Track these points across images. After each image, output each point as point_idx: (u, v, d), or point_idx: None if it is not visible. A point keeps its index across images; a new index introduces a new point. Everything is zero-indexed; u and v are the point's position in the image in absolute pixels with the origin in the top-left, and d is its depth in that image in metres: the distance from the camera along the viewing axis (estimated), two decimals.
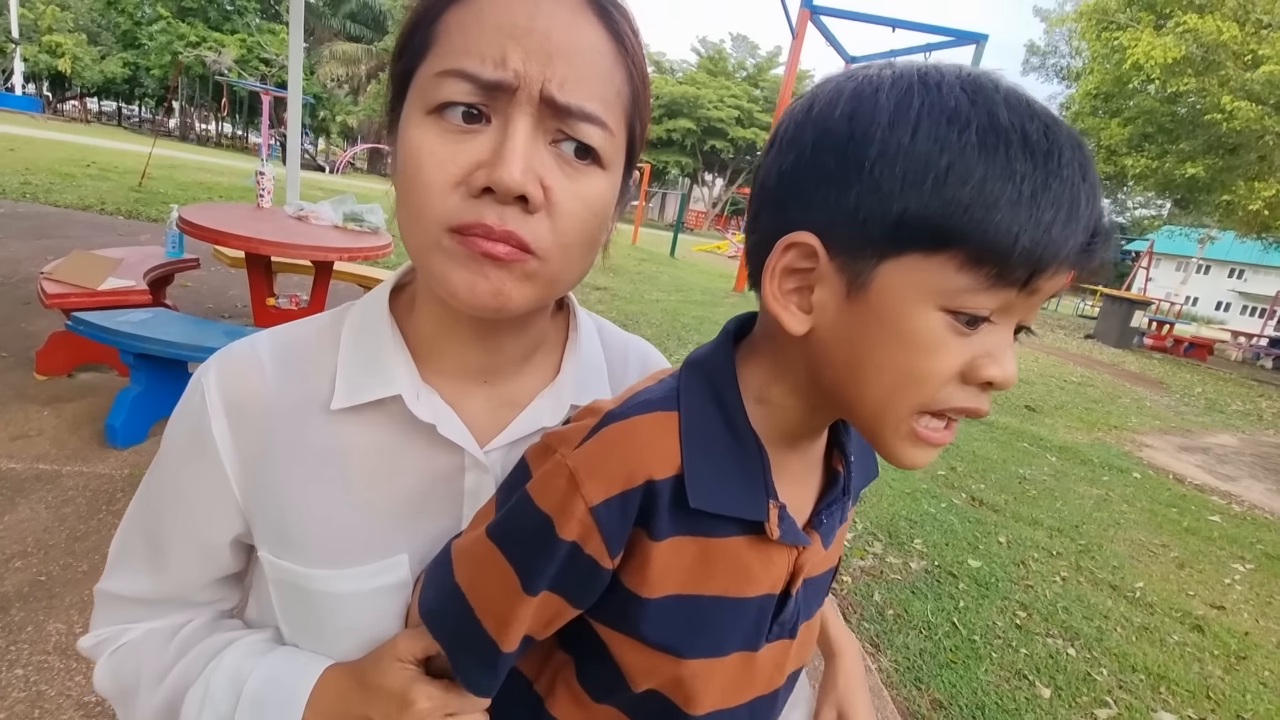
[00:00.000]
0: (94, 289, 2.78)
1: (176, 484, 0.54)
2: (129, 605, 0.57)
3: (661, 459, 0.41)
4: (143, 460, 2.49)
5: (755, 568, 0.45)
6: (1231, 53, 10.75)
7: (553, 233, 0.44)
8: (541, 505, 0.42)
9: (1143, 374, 10.55)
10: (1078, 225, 0.33)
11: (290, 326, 0.56)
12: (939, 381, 0.36)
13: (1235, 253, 31.61)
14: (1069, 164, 0.33)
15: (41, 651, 1.58)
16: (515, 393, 0.56)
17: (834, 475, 0.49)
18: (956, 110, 0.34)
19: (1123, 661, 2.43)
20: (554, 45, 0.42)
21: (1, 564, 1.83)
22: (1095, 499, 4.21)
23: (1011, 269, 0.33)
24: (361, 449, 0.52)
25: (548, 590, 0.43)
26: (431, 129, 0.43)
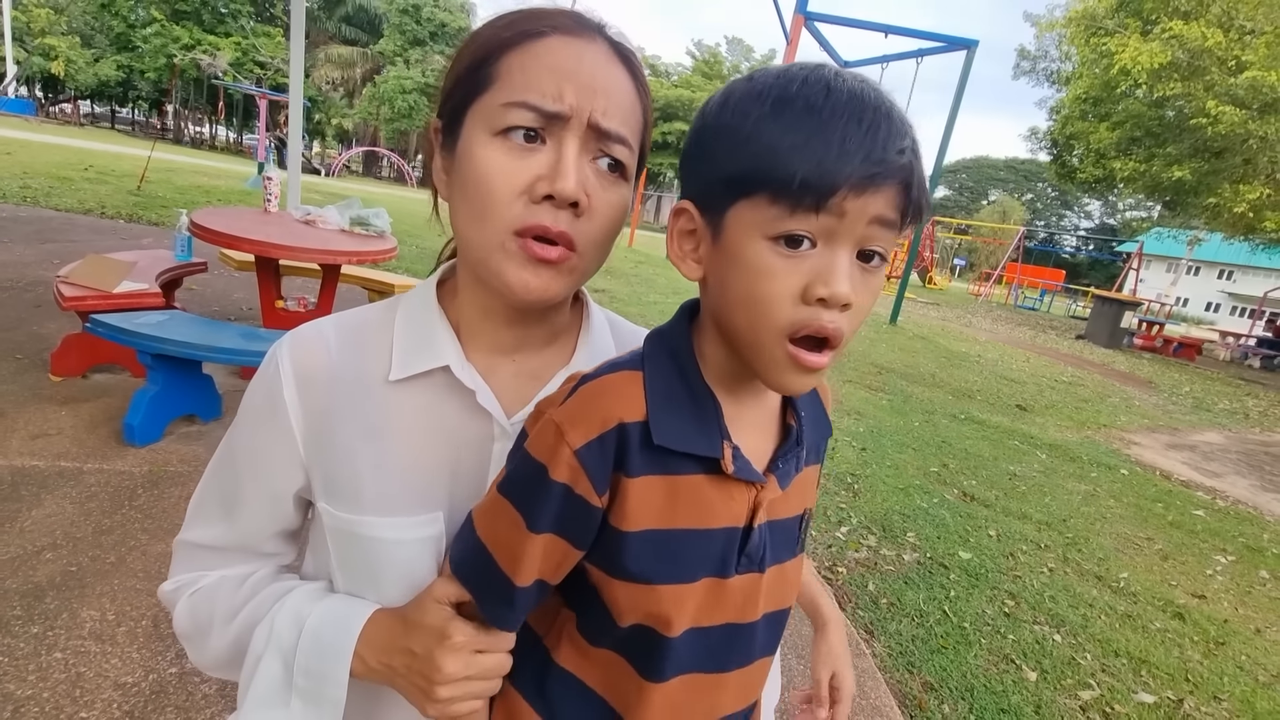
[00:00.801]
0: (110, 292, 2.86)
1: (252, 442, 0.63)
2: (204, 553, 0.66)
3: (630, 406, 0.50)
4: (160, 458, 2.56)
5: (717, 502, 0.52)
6: (1216, 58, 10.94)
7: (591, 232, 0.56)
8: (536, 456, 0.51)
9: (1132, 373, 10.70)
10: (850, 157, 0.42)
11: (352, 312, 0.67)
12: (779, 300, 0.45)
13: (1224, 254, 31.95)
14: (839, 115, 0.43)
15: (77, 637, 1.66)
16: (537, 368, 0.66)
17: (789, 430, 0.58)
18: (761, 92, 0.46)
19: (1106, 647, 2.54)
20: (597, 84, 0.54)
21: (33, 555, 1.91)
22: (1083, 494, 4.33)
23: (801, 196, 0.43)
24: (409, 415, 0.61)
25: (551, 533, 0.52)
26: (499, 148, 0.54)
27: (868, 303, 0.48)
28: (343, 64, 35.04)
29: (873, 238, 0.46)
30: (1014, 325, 15.93)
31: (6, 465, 2.33)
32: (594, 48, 0.56)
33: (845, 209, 0.43)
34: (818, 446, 0.62)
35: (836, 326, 0.45)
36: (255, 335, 2.80)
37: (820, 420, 0.62)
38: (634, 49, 0.60)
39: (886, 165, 0.43)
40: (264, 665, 0.59)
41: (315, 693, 0.58)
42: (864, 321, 0.49)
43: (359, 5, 35.21)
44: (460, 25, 34.15)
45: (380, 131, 34.82)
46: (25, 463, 2.36)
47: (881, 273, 0.48)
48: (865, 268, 0.47)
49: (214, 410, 2.94)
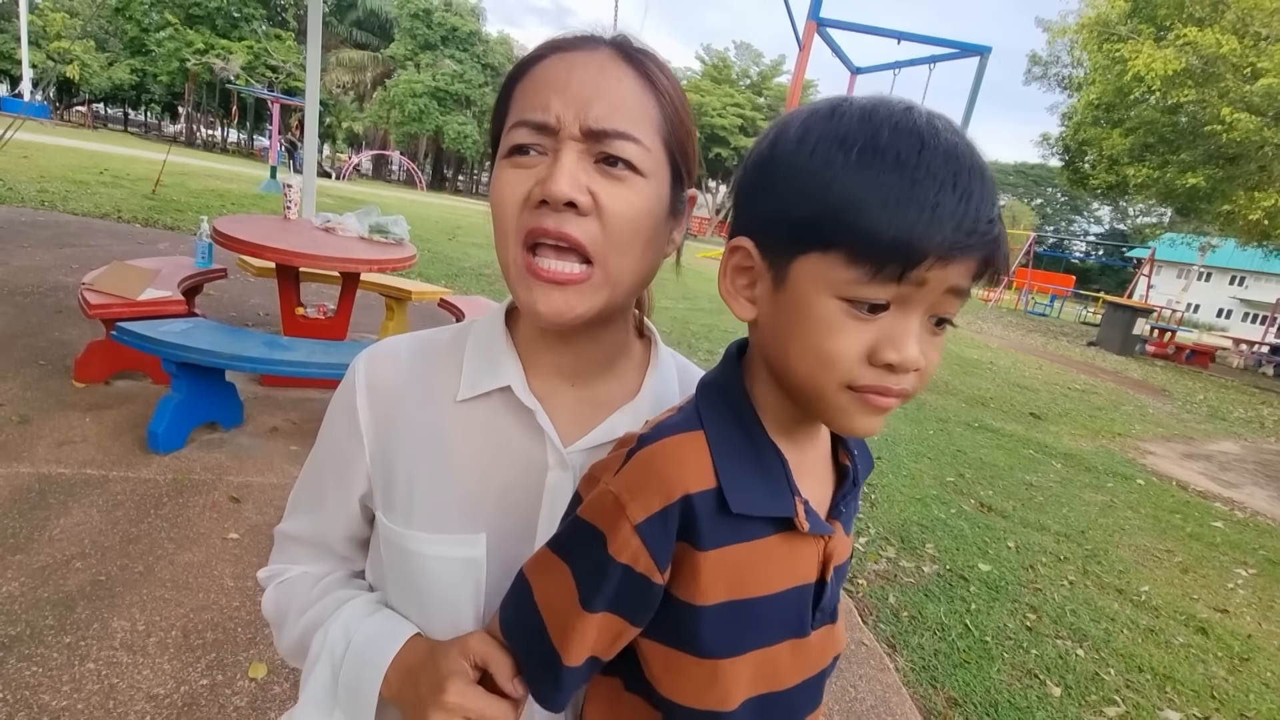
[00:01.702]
0: (134, 299, 2.88)
1: (332, 446, 0.67)
2: (292, 545, 0.71)
3: (695, 474, 0.47)
4: (184, 466, 2.58)
5: (790, 561, 0.51)
6: (1231, 65, 10.87)
7: (604, 233, 0.54)
8: (594, 523, 0.48)
9: (1145, 381, 10.62)
10: (942, 226, 0.39)
11: (427, 333, 0.70)
12: (846, 361, 0.43)
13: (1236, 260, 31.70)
14: (933, 176, 0.40)
15: (109, 647, 1.67)
16: (597, 396, 0.66)
17: (843, 469, 0.56)
18: (845, 136, 0.43)
19: (1130, 662, 2.51)
20: (588, 90, 0.54)
21: (63, 564, 1.93)
22: (1100, 505, 4.29)
23: (884, 263, 0.40)
24: (469, 434, 0.63)
25: (607, 611, 0.49)
26: (508, 168, 0.56)
27: (934, 364, 0.46)
28: (354, 68, 35.28)
29: (947, 305, 0.44)
30: (1025, 331, 15.84)
31: (34, 473, 2.35)
32: (590, 57, 0.56)
33: (926, 278, 0.41)
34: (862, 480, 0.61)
35: (901, 388, 0.44)
36: (277, 344, 2.81)
37: (865, 454, 0.61)
38: (643, 49, 0.58)
39: (976, 236, 0.41)
40: (317, 670, 0.61)
41: (352, 706, 0.60)
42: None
43: (370, 9, 35.44)
44: (471, 29, 34.34)
45: (390, 135, 35.01)
46: (52, 470, 2.39)
47: (945, 334, 0.47)
48: (934, 330, 0.45)
49: (236, 418, 2.96)
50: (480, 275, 8.12)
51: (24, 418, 2.71)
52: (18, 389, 2.95)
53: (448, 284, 6.80)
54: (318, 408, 3.35)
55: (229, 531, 2.23)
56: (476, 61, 34.36)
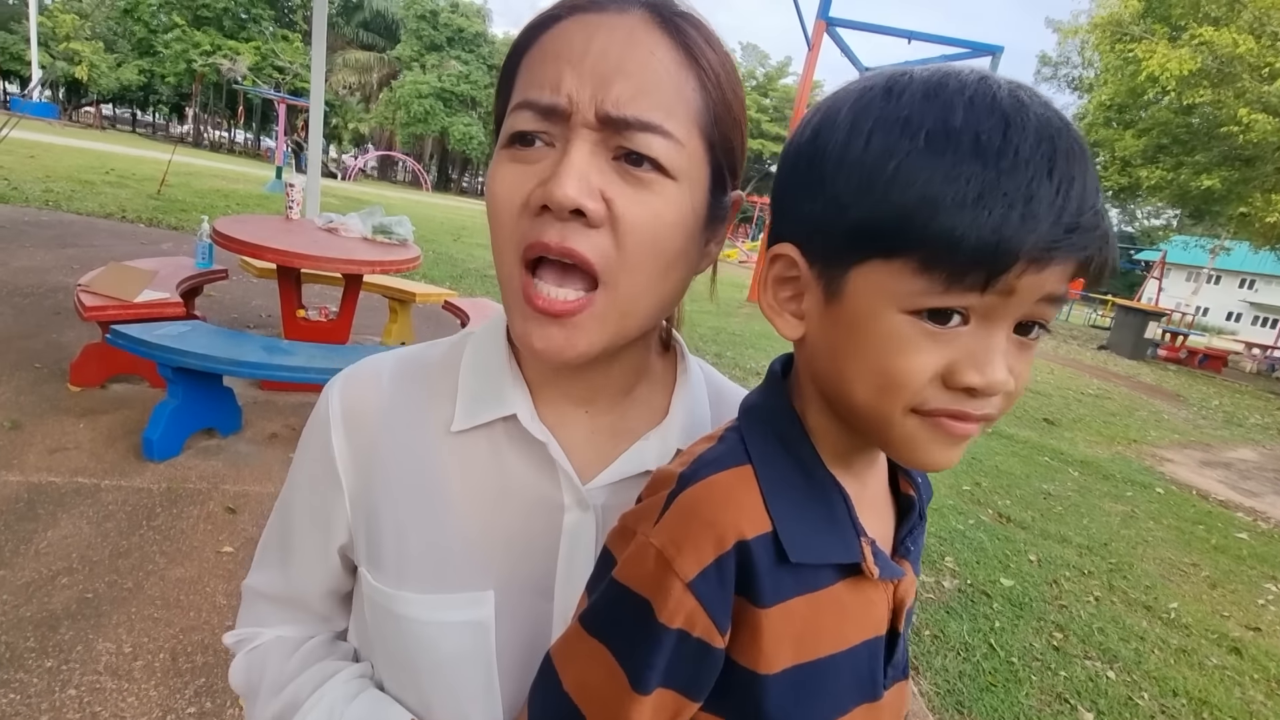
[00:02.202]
0: (130, 301, 2.80)
1: (302, 487, 0.57)
2: (264, 603, 0.61)
3: (748, 517, 0.40)
4: (179, 474, 2.50)
5: (859, 612, 0.44)
6: (1248, 65, 10.71)
7: (617, 248, 0.43)
8: (635, 589, 0.40)
9: (1159, 386, 10.47)
10: (1038, 223, 0.32)
11: (414, 350, 0.59)
12: (915, 383, 0.36)
13: (1247, 263, 31.40)
14: (1027, 161, 0.32)
15: (93, 671, 1.58)
16: (618, 422, 0.55)
17: (907, 500, 0.48)
18: (909, 118, 0.35)
19: (1163, 685, 2.40)
20: (609, 64, 0.42)
21: (48, 581, 1.84)
22: (1121, 515, 4.18)
23: (964, 270, 0.33)
24: (467, 472, 0.52)
25: (661, 688, 0.40)
26: (505, 160, 0.45)
27: (1024, 379, 0.38)
28: (360, 69, 35.37)
29: (1040, 313, 0.36)
30: None
31: (23, 482, 2.27)
32: (617, 20, 0.44)
33: (1017, 286, 0.34)
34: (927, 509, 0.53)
35: (985, 413, 0.37)
36: (277, 348, 2.73)
37: (925, 480, 0.52)
38: (687, 11, 0.46)
39: (1079, 233, 0.33)
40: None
41: None
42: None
43: (376, 11, 35.52)
44: (477, 30, 34.38)
45: (396, 135, 35.06)
46: (43, 479, 2.31)
47: (1037, 344, 0.38)
48: (1022, 340, 0.37)
49: (234, 424, 2.88)
50: (485, 276, 8.04)
51: (15, 423, 2.63)
52: (10, 393, 2.87)
53: (452, 285, 6.72)
54: None
55: (223, 545, 2.14)
56: (482, 62, 34.39)
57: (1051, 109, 0.35)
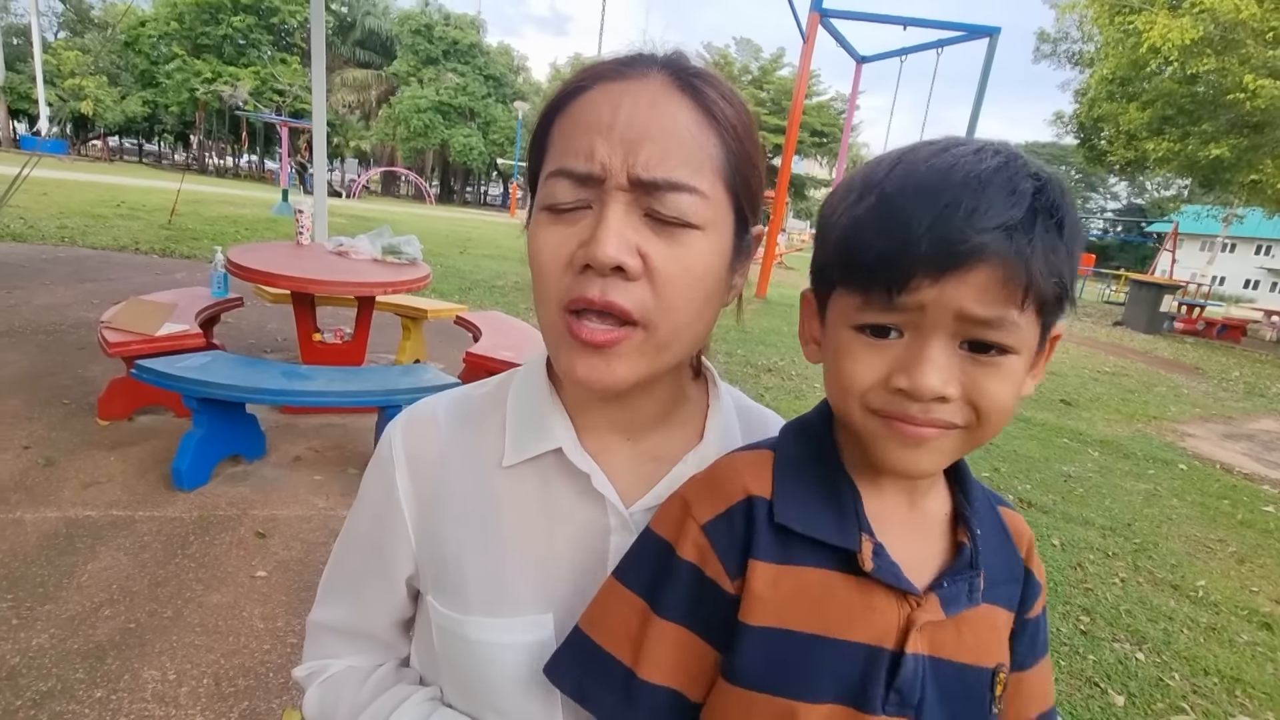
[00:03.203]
0: (153, 335, 2.87)
1: (368, 525, 0.62)
2: (332, 636, 0.65)
3: (758, 481, 0.47)
4: (209, 502, 2.56)
5: (855, 609, 0.45)
6: (1252, 30, 10.54)
7: (655, 297, 0.48)
8: (660, 533, 0.48)
9: (1177, 360, 10.35)
10: (917, 241, 0.38)
11: (463, 391, 0.64)
12: (860, 385, 0.43)
13: (1263, 229, 30.86)
14: (913, 198, 0.39)
15: (140, 700, 1.63)
16: (657, 449, 0.59)
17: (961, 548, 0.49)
18: (853, 183, 0.44)
19: (1194, 665, 2.39)
20: (636, 131, 0.47)
21: (92, 613, 1.90)
22: (1144, 494, 4.15)
23: (869, 289, 0.41)
24: (520, 504, 0.57)
25: (681, 624, 0.46)
26: (545, 221, 0.50)
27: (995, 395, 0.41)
28: (358, 87, 35.66)
29: (974, 332, 0.40)
30: None
31: (61, 517, 2.34)
32: (639, 86, 0.48)
33: (923, 301, 0.39)
34: (1007, 590, 0.51)
35: (931, 418, 0.41)
36: (296, 373, 2.79)
37: (1008, 558, 0.51)
38: (702, 71, 0.51)
39: (966, 246, 0.37)
40: None
41: None
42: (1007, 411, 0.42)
43: (371, 29, 35.80)
44: (471, 41, 34.54)
45: (398, 151, 35.31)
46: (79, 513, 2.37)
47: (1008, 364, 0.41)
48: (980, 359, 0.41)
49: (258, 449, 2.94)
50: (493, 288, 8.10)
51: (49, 460, 2.70)
52: (43, 430, 2.95)
53: (461, 298, 6.78)
54: (339, 434, 3.32)
55: (257, 569, 2.19)
56: (478, 73, 34.56)
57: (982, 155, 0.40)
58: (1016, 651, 0.52)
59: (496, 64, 35.47)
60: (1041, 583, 0.54)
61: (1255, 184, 12.91)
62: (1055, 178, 0.40)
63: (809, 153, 37.54)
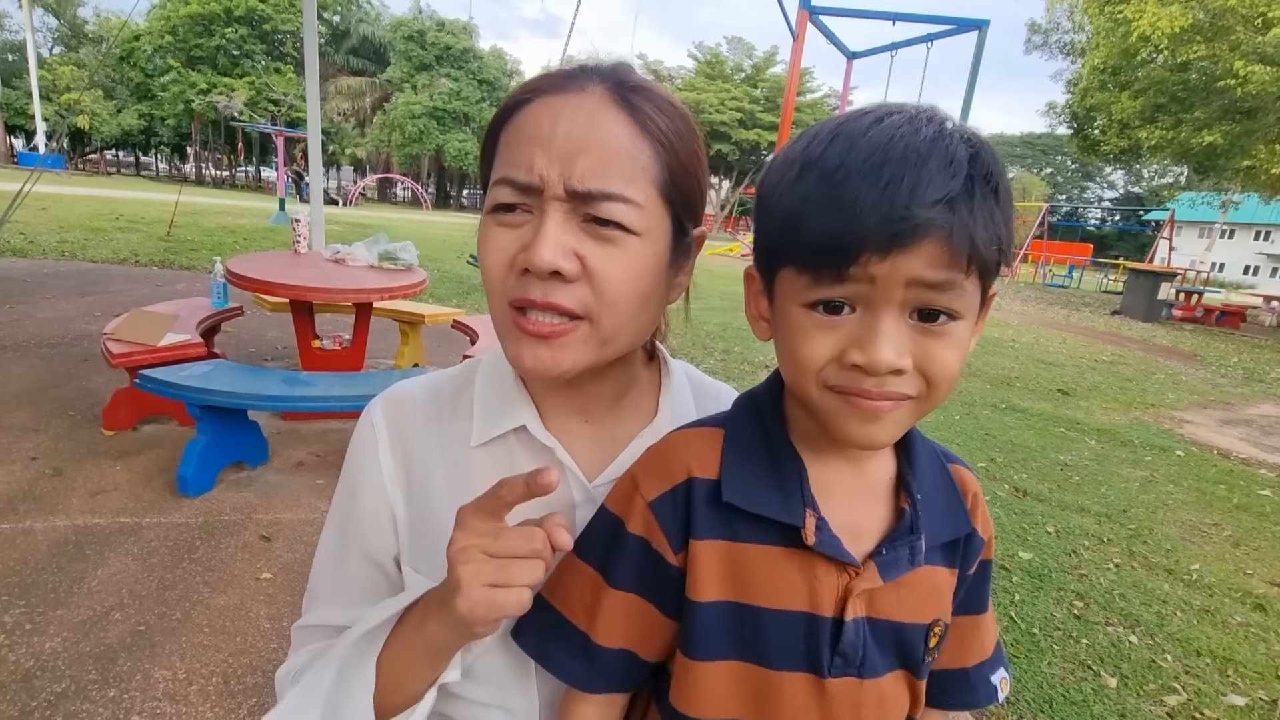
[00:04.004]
0: (155, 346, 2.92)
1: (353, 505, 0.63)
2: (322, 633, 0.65)
3: (703, 461, 0.49)
4: (214, 508, 2.60)
5: (797, 580, 0.47)
6: (1241, 17, 10.58)
7: (595, 295, 0.51)
8: (612, 509, 0.52)
9: (1175, 347, 10.37)
10: (864, 220, 0.39)
11: (435, 376, 0.68)
12: (813, 361, 0.44)
13: (1260, 215, 30.87)
14: (855, 174, 0.40)
15: (153, 698, 1.68)
16: (615, 430, 0.64)
17: (900, 513, 0.51)
18: (791, 159, 0.44)
19: (1186, 646, 2.43)
20: (573, 144, 0.50)
21: (102, 616, 1.94)
22: (1140, 481, 4.18)
23: (819, 266, 0.42)
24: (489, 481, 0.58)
25: (632, 592, 0.50)
26: (493, 224, 0.54)
27: (944, 363, 0.43)
28: (352, 94, 35.73)
29: (923, 299, 0.41)
30: (1045, 305, 15.56)
31: (70, 525, 2.38)
32: (579, 100, 0.52)
33: (872, 274, 0.40)
34: (951, 547, 0.53)
35: (885, 390, 0.42)
36: (296, 380, 2.83)
37: (953, 514, 0.53)
38: (640, 85, 0.54)
39: (911, 223, 0.38)
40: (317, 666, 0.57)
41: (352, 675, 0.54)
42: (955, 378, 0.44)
43: (364, 36, 35.87)
44: (464, 47, 34.61)
45: (393, 157, 35.40)
46: (87, 521, 2.42)
47: (955, 330, 0.43)
48: (929, 328, 0.42)
49: (261, 455, 2.98)
50: None
51: (57, 470, 2.75)
52: (50, 441, 3.00)
53: (459, 302, 6.83)
54: (340, 439, 3.37)
55: (262, 571, 2.23)
56: (472, 78, 34.63)
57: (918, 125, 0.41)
58: (956, 604, 0.55)
59: (490, 68, 35.53)
60: (986, 539, 0.56)
61: (1250, 169, 12.94)
62: (986, 143, 0.42)
63: None
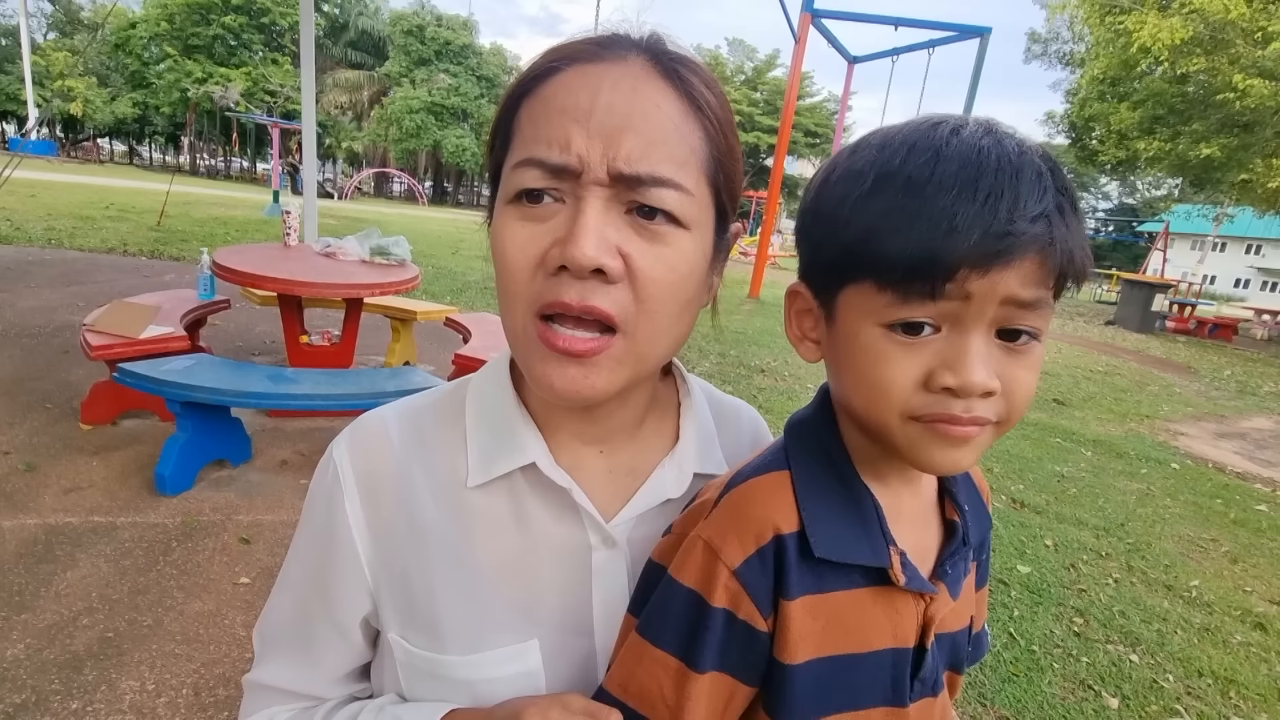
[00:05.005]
0: (136, 338, 2.83)
1: (313, 563, 0.55)
2: (278, 695, 0.58)
3: (784, 513, 0.45)
4: (192, 507, 2.52)
5: (883, 620, 0.46)
6: (1240, 30, 10.61)
7: (636, 301, 0.44)
8: (687, 583, 0.45)
9: (1169, 359, 10.39)
10: (966, 235, 0.37)
11: (412, 401, 0.57)
12: (898, 389, 0.41)
13: (1253, 228, 31.13)
14: (949, 187, 0.38)
15: (117, 711, 1.60)
16: (633, 459, 0.56)
17: (951, 525, 0.51)
18: (860, 171, 0.42)
19: (1188, 666, 2.38)
20: (617, 119, 0.42)
21: (69, 622, 1.86)
22: (1137, 494, 4.15)
23: (908, 284, 0.39)
24: (492, 528, 0.52)
25: (715, 671, 0.44)
26: (513, 216, 0.45)
27: (1025, 384, 0.41)
28: (350, 88, 35.52)
29: (1012, 318, 0.40)
30: None
31: (41, 524, 2.29)
32: (620, 70, 0.44)
33: (969, 291, 0.38)
34: (980, 543, 0.55)
35: (974, 415, 0.40)
36: (282, 376, 2.75)
37: (981, 514, 0.54)
38: (686, 55, 0.47)
39: (1014, 239, 0.37)
40: None
41: None
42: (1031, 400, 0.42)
43: (363, 30, 35.69)
44: (464, 43, 34.47)
45: (390, 152, 35.20)
46: (59, 520, 2.33)
47: (1035, 350, 0.42)
48: (1011, 347, 0.41)
49: (244, 454, 2.90)
50: (485, 289, 8.06)
51: (30, 465, 2.65)
52: (25, 435, 2.90)
53: (453, 300, 6.74)
54: (327, 437, 3.27)
55: (240, 576, 2.15)
56: (471, 74, 34.49)
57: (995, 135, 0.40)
58: None
59: (489, 65, 35.40)
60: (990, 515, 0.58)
61: (1245, 183, 12.99)
62: (1054, 157, 0.41)
63: (802, 153, 37.61)
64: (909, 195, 0.39)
